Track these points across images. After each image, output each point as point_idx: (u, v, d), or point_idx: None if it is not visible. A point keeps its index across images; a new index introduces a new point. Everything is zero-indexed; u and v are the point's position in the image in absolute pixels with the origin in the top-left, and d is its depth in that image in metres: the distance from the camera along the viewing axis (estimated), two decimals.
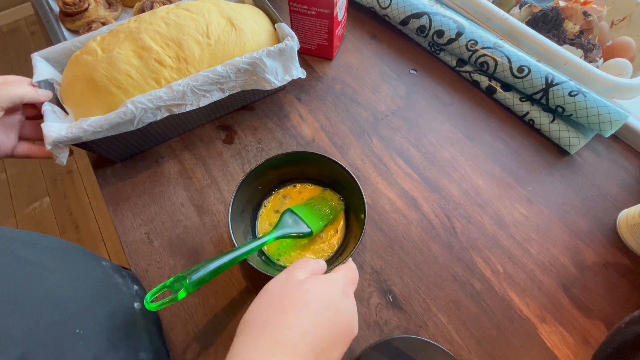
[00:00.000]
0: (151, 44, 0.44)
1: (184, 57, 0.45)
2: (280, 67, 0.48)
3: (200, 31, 0.46)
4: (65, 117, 0.44)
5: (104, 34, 0.46)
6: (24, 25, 2.07)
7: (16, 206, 1.45)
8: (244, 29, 0.48)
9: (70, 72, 0.45)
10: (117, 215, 0.46)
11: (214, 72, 0.44)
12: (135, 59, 0.43)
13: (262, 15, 0.51)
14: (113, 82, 0.43)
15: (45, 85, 0.44)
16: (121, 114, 0.41)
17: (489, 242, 0.43)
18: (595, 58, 0.56)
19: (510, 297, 0.40)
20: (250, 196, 0.42)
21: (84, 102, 0.43)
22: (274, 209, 0.44)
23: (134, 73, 0.43)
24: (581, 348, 0.37)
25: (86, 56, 0.44)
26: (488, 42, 0.53)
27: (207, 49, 0.46)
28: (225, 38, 0.47)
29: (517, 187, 0.47)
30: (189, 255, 0.42)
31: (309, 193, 0.45)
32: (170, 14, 0.47)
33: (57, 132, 0.39)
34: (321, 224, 0.41)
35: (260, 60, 0.45)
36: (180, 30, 0.45)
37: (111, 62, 0.43)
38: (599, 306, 0.40)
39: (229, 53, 0.47)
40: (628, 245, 0.43)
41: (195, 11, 0.47)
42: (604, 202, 0.46)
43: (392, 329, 0.38)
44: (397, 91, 0.56)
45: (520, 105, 0.52)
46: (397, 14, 0.59)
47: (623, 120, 0.46)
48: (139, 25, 0.45)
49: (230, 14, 0.48)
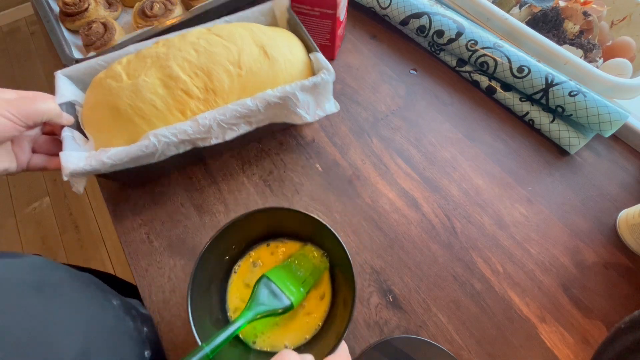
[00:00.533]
0: (179, 72, 0.41)
1: (213, 88, 0.42)
2: (312, 101, 0.45)
3: (232, 60, 0.43)
4: (85, 142, 0.42)
5: (130, 56, 0.44)
6: (24, 25, 2.07)
7: (16, 206, 1.45)
8: (278, 58, 0.44)
9: (93, 97, 0.43)
10: (117, 215, 0.46)
11: (243, 105, 0.41)
12: (161, 88, 0.41)
13: (296, 43, 0.48)
14: (137, 111, 0.40)
15: (67, 107, 0.42)
16: (143, 147, 0.38)
17: (489, 242, 0.43)
18: (595, 58, 0.56)
19: (510, 297, 0.40)
20: (214, 269, 0.36)
21: (106, 130, 0.41)
22: (243, 282, 0.38)
23: (159, 103, 0.41)
24: (581, 348, 0.37)
25: (110, 81, 0.41)
26: (488, 42, 0.53)
27: (237, 80, 0.43)
28: (257, 68, 0.43)
29: (517, 187, 0.47)
30: (189, 255, 0.43)
31: (285, 253, 0.39)
32: (200, 39, 0.44)
33: (76, 164, 0.37)
34: (303, 292, 0.35)
35: (293, 95, 0.42)
36: (211, 58, 0.42)
37: (136, 91, 0.40)
38: (599, 306, 0.40)
39: (260, 84, 0.44)
40: (628, 245, 0.43)
41: (227, 37, 0.44)
42: (604, 202, 0.46)
43: (392, 329, 0.38)
44: (397, 91, 0.56)
45: (520, 105, 0.52)
46: (397, 14, 0.59)
47: (623, 120, 0.46)
48: (167, 50, 0.43)
49: (263, 41, 0.45)
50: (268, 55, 0.44)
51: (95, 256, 1.34)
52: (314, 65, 0.47)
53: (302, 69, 0.46)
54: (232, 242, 0.37)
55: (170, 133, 0.39)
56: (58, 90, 0.43)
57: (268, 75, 0.44)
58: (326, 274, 0.38)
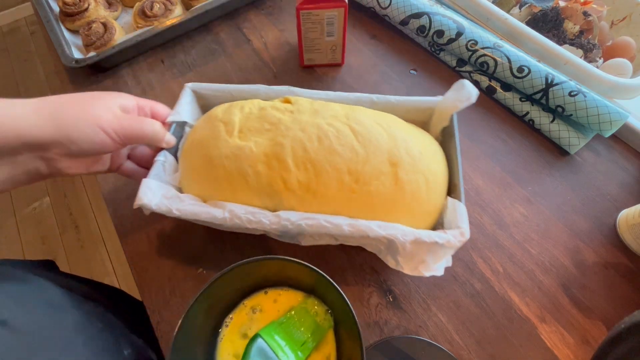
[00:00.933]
0: (288, 159, 0.35)
1: (315, 190, 0.35)
2: (419, 255, 0.34)
3: (351, 168, 0.35)
4: (173, 174, 0.40)
5: (254, 105, 0.40)
6: (24, 25, 2.07)
7: (16, 206, 1.45)
8: (406, 188, 0.35)
9: (199, 132, 0.40)
10: (117, 215, 0.46)
11: (338, 228, 0.33)
12: (262, 166, 0.36)
13: (442, 170, 0.38)
14: (227, 176, 0.36)
15: (176, 126, 0.41)
16: (214, 217, 0.35)
17: (489, 242, 0.43)
18: (595, 58, 0.56)
19: (510, 297, 0.40)
20: (202, 327, 0.31)
21: (194, 171, 0.39)
22: (240, 331, 0.33)
23: (253, 181, 0.36)
24: (581, 348, 0.37)
25: (222, 128, 0.38)
26: (488, 42, 0.53)
27: (347, 193, 0.35)
28: (375, 189, 0.35)
29: (517, 187, 0.47)
30: (189, 255, 0.43)
31: (286, 302, 0.34)
32: (332, 126, 0.37)
33: (149, 200, 0.35)
34: (301, 357, 0.31)
35: (403, 244, 0.33)
36: (329, 157, 0.35)
37: (237, 156, 0.36)
38: (599, 306, 0.40)
39: (370, 208, 0.35)
40: (628, 245, 0.43)
41: (361, 135, 0.36)
42: (604, 202, 0.46)
43: (392, 329, 0.38)
44: (397, 91, 0.56)
45: (520, 105, 0.52)
46: (397, 14, 0.59)
47: (623, 120, 0.46)
48: (290, 124, 0.37)
49: (400, 158, 0.36)
50: (397, 179, 0.35)
51: (95, 256, 1.34)
52: (445, 209, 0.37)
53: (430, 210, 0.37)
54: (223, 293, 0.33)
55: (246, 220, 0.34)
56: (178, 104, 0.42)
57: (384, 204, 0.35)
58: (330, 332, 0.34)
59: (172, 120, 0.41)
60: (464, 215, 0.34)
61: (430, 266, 0.34)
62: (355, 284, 0.40)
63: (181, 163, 0.40)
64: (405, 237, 0.33)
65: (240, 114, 0.39)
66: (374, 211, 0.35)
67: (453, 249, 0.33)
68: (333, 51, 0.56)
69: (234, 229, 0.37)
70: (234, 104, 0.41)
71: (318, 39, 0.54)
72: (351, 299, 0.39)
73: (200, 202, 0.37)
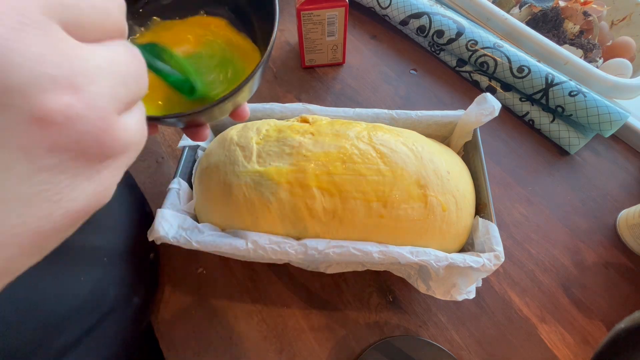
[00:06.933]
0: (312, 184, 0.33)
1: (341, 216, 0.33)
2: (449, 278, 0.33)
3: (379, 193, 0.33)
4: (187, 203, 0.38)
5: (271, 127, 0.38)
6: None
7: None
8: (436, 211, 0.34)
9: (214, 157, 0.37)
10: None
11: (368, 256, 0.32)
12: (284, 193, 0.34)
13: (469, 187, 0.37)
14: (248, 205, 0.34)
15: (189, 150, 0.39)
16: (237, 249, 0.33)
17: None
18: (595, 58, 0.56)
19: (510, 297, 0.40)
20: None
21: (211, 200, 0.36)
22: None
23: (275, 209, 0.34)
24: (581, 348, 0.37)
25: (239, 152, 0.36)
26: (488, 42, 0.53)
27: (375, 219, 0.34)
28: (405, 214, 0.33)
29: (517, 187, 0.47)
30: (189, 255, 0.42)
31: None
32: (355, 148, 0.35)
33: (165, 233, 0.33)
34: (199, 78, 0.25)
35: (436, 270, 0.32)
36: (355, 181, 0.33)
37: (258, 184, 0.34)
38: (599, 306, 0.40)
39: (399, 233, 0.34)
40: (628, 245, 0.43)
41: (388, 157, 0.34)
42: (604, 202, 0.46)
43: (392, 329, 0.38)
44: (397, 91, 0.56)
45: (520, 105, 0.52)
46: (397, 14, 0.59)
47: (623, 120, 0.46)
48: (312, 146, 0.35)
49: (428, 179, 0.34)
50: (427, 202, 0.34)
51: None
52: (475, 230, 0.36)
53: (460, 232, 0.35)
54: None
55: (270, 250, 0.33)
56: None
57: (413, 230, 0.34)
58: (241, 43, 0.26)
59: (183, 146, 0.39)
60: (497, 237, 0.33)
61: (462, 289, 0.33)
62: (355, 283, 0.40)
63: (197, 189, 0.38)
64: (439, 263, 0.31)
65: (257, 137, 0.37)
66: (404, 236, 0.34)
67: (488, 273, 0.32)
68: (334, 51, 0.56)
69: (256, 260, 0.35)
70: (248, 124, 0.39)
71: (319, 39, 0.54)
72: (351, 299, 0.40)
73: (219, 232, 0.35)
